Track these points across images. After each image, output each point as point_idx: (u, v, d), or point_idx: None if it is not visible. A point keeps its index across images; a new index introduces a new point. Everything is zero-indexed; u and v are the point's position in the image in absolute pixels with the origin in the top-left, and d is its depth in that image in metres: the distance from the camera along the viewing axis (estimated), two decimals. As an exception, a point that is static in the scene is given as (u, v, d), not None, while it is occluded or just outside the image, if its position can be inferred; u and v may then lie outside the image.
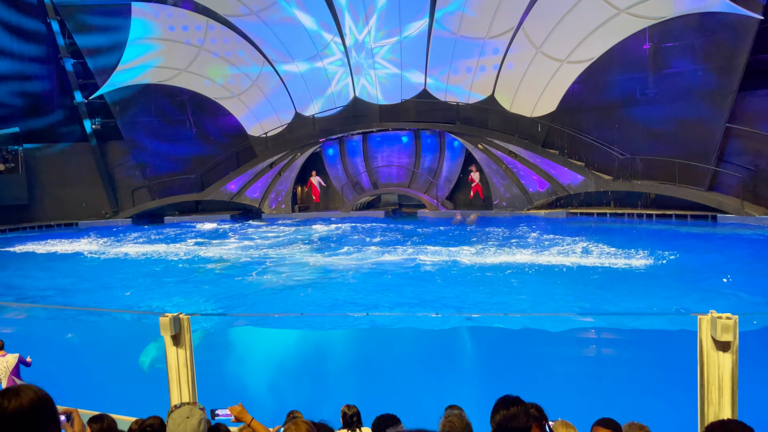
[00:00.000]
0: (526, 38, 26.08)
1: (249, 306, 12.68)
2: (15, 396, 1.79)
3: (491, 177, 26.45)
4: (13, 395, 1.79)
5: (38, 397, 1.82)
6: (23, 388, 1.84)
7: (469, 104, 27.53)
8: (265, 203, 29.89)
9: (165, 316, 7.20)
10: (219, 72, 30.20)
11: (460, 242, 19.22)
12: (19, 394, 1.80)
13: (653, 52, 23.53)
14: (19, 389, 1.83)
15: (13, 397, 1.79)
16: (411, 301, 12.78)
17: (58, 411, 1.90)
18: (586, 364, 11.01)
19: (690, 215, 22.34)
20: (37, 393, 1.84)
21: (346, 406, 5.88)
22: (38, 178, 30.79)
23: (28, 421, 1.77)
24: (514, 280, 14.07)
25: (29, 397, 1.81)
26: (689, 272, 14.38)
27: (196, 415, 2.79)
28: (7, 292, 15.79)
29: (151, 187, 31.29)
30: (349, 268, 16.40)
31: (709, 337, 5.96)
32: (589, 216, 24.45)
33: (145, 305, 13.08)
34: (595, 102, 25.17)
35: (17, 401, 1.78)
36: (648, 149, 23.91)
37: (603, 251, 16.75)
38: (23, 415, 1.77)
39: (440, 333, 11.23)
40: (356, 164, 30.29)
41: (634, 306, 11.74)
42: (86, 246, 22.80)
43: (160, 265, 18.14)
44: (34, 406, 1.79)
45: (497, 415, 2.86)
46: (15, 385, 1.88)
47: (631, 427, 4.08)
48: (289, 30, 29.12)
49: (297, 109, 30.48)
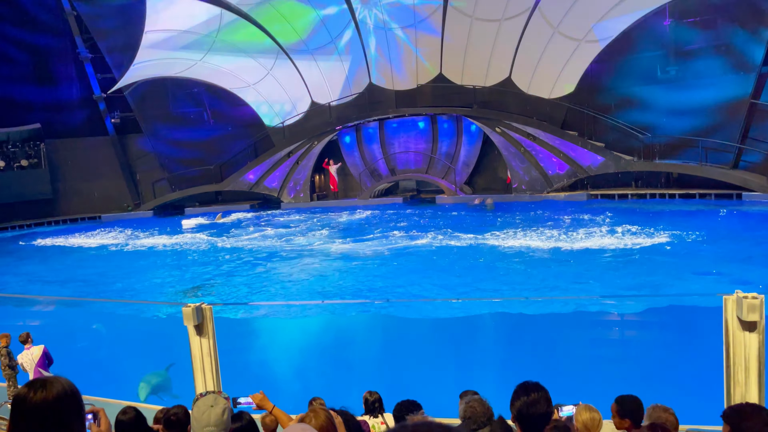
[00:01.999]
0: (543, 18, 25.67)
1: (271, 294, 12.79)
2: (42, 388, 1.78)
3: (510, 160, 26.21)
4: (40, 387, 1.78)
5: (65, 391, 1.81)
6: (52, 381, 1.83)
7: (486, 87, 27.23)
8: (283, 192, 30.01)
9: (188, 306, 7.29)
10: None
11: (482, 228, 19.12)
12: (46, 387, 1.79)
13: (674, 28, 23.02)
14: (47, 381, 1.82)
15: (40, 389, 1.78)
16: (436, 285, 12.78)
17: (84, 406, 1.89)
18: (608, 347, 10.93)
19: (714, 194, 21.94)
20: (65, 386, 1.82)
21: (367, 392, 5.91)
22: (61, 173, 31.24)
23: (53, 415, 1.76)
24: (528, 265, 13.97)
25: (56, 389, 1.79)
26: (714, 251, 14.15)
27: (220, 403, 2.81)
28: (34, 284, 16.11)
29: (171, 178, 31.59)
30: (371, 254, 16.43)
31: (734, 317, 5.86)
32: (610, 198, 24.13)
33: (170, 296, 13.25)
34: (615, 81, 24.73)
35: (43, 393, 1.76)
36: (670, 128, 23.49)
37: (626, 232, 16.54)
38: (48, 407, 1.75)
39: (461, 319, 11.21)
40: (373, 151, 30.22)
41: (660, 286, 11.61)
42: (110, 239, 23.13)
43: (183, 257, 18.35)
44: (59, 399, 1.78)
45: (518, 401, 2.83)
46: (44, 376, 1.86)
47: (655, 410, 4.03)
48: (303, 18, 28.96)
49: (313, 97, 30.44)
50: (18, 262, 20.04)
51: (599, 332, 11.12)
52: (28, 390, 1.78)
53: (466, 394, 4.44)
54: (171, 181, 31.61)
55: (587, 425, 3.91)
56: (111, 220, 30.06)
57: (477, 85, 27.20)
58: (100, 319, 12.91)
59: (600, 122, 24.90)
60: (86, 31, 30.46)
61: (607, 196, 24.29)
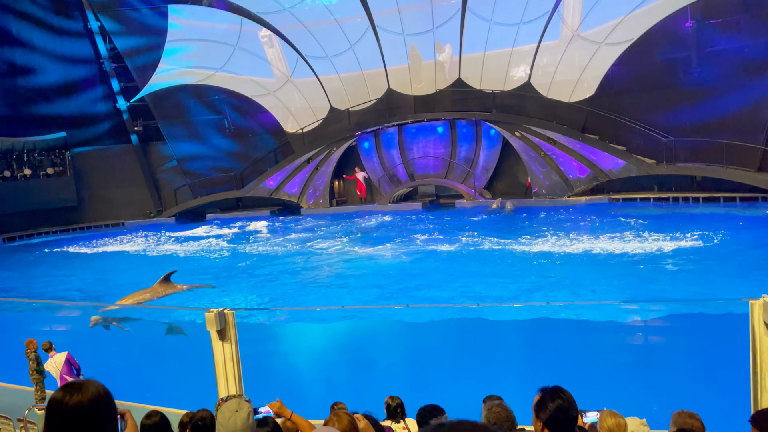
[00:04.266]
0: (562, 21, 25.55)
1: (293, 299, 12.86)
2: (77, 391, 1.82)
3: (530, 164, 26.06)
4: (75, 390, 1.82)
5: (99, 393, 1.84)
6: (86, 384, 1.87)
7: (505, 91, 27.14)
8: (303, 198, 30.18)
9: (210, 311, 7.37)
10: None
11: (503, 233, 19.03)
12: (81, 390, 1.83)
13: (696, 29, 22.73)
14: (82, 385, 1.86)
15: (75, 392, 1.82)
16: (459, 289, 12.74)
17: (117, 409, 1.93)
18: (632, 352, 10.80)
19: (739, 197, 21.57)
20: (99, 389, 1.86)
21: (389, 397, 5.91)
22: (85, 181, 31.79)
23: (88, 417, 1.79)
24: (551, 269, 13.87)
25: (91, 393, 1.83)
26: (740, 256, 13.92)
27: (244, 408, 2.86)
28: (60, 290, 16.39)
29: (193, 185, 31.96)
30: (391, 259, 16.44)
31: (761, 322, 5.77)
32: (632, 201, 23.86)
33: (195, 302, 13.39)
34: (636, 84, 24.48)
35: (78, 396, 1.80)
36: (693, 131, 23.18)
37: (649, 236, 16.35)
38: (83, 410, 1.79)
39: (480, 324, 11.16)
40: (392, 156, 30.26)
41: (685, 292, 11.45)
42: (131, 246, 23.45)
43: (205, 263, 18.53)
44: (94, 402, 1.82)
45: (551, 404, 2.82)
46: (79, 380, 1.90)
47: (681, 416, 3.98)
48: (322, 25, 29.18)
49: (332, 103, 30.61)
50: (44, 268, 20.41)
51: (621, 338, 10.99)
52: (63, 393, 1.82)
53: (489, 399, 4.43)
54: (192, 187, 31.98)
55: (612, 431, 3.88)
56: (134, 226, 30.48)
57: (496, 89, 27.13)
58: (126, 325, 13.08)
59: (621, 125, 24.65)
60: (110, 41, 31.01)
61: (629, 199, 24.02)
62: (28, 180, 30.09)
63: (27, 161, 30.46)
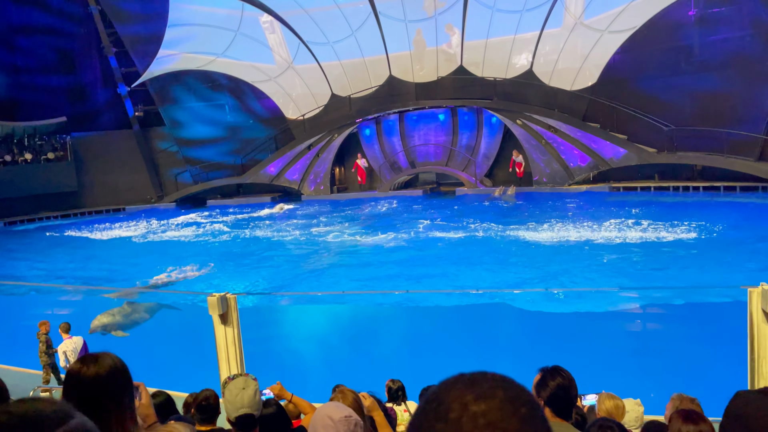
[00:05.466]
0: (565, 9, 25.41)
1: (295, 284, 12.93)
2: (94, 363, 1.86)
3: (531, 153, 26.04)
4: (92, 362, 1.87)
5: (116, 365, 1.89)
6: (103, 356, 1.90)
7: (506, 79, 27.05)
8: (304, 185, 30.18)
9: (213, 295, 7.43)
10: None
11: (503, 220, 19.08)
12: (98, 361, 1.87)
13: (699, 18, 22.63)
14: (99, 357, 1.90)
15: (92, 363, 1.86)
16: (460, 275, 12.81)
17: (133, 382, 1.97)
18: (631, 339, 10.89)
19: (739, 186, 21.60)
20: (115, 361, 1.90)
21: (390, 380, 5.99)
22: (86, 166, 31.76)
23: (105, 389, 1.83)
24: (549, 257, 13.93)
25: (108, 364, 1.87)
26: (739, 244, 13.98)
27: (251, 385, 2.91)
28: (62, 274, 16.47)
29: (193, 171, 31.94)
30: (392, 245, 16.50)
31: (759, 309, 5.84)
32: (632, 190, 23.89)
33: (197, 286, 13.47)
34: (638, 72, 24.40)
35: (95, 368, 1.84)
36: (694, 120, 23.14)
37: (649, 224, 16.40)
38: (101, 382, 1.83)
39: (478, 309, 11.25)
40: (393, 144, 30.23)
41: (684, 280, 11.52)
42: (133, 231, 23.50)
43: (211, 247, 18.59)
44: (111, 373, 1.86)
45: (552, 382, 2.88)
46: (95, 353, 1.94)
47: (681, 400, 4.04)
48: (324, 10, 29.00)
49: (333, 89, 30.52)
50: (45, 252, 20.47)
51: (619, 325, 11.08)
52: (81, 365, 1.86)
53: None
54: (193, 173, 31.97)
55: (611, 413, 3.95)
56: (134, 211, 30.51)
57: (498, 77, 27.04)
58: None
59: (622, 114, 24.61)
60: (110, 26, 30.84)
61: (630, 188, 24.04)
62: (28, 164, 30.07)
63: (28, 146, 30.40)
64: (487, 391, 0.87)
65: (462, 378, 0.91)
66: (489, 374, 0.92)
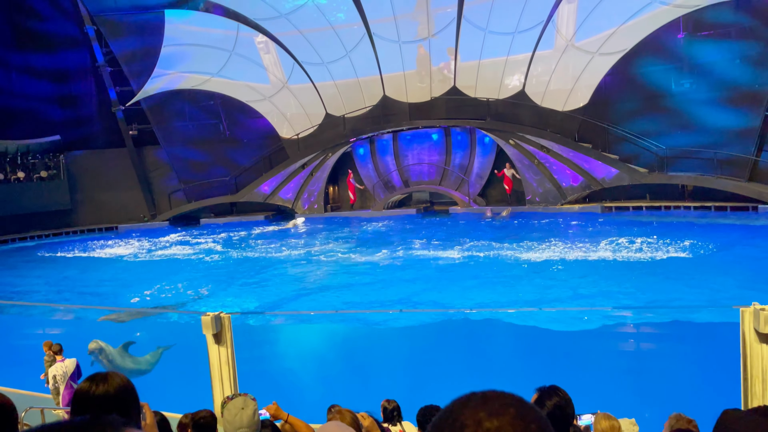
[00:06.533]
0: (556, 31, 25.79)
1: (289, 304, 12.89)
2: (103, 382, 1.89)
3: (523, 172, 26.23)
4: (101, 381, 1.89)
5: (124, 383, 1.91)
6: (111, 375, 1.93)
7: (499, 100, 27.33)
8: (298, 204, 30.20)
9: (207, 315, 7.41)
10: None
11: (498, 239, 19.15)
12: (107, 380, 1.89)
13: (688, 41, 23.03)
14: (108, 375, 1.92)
15: (101, 382, 1.88)
16: (454, 294, 12.81)
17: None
18: (625, 359, 10.90)
19: (730, 206, 21.81)
20: (123, 379, 1.93)
21: (385, 400, 5.98)
22: (79, 184, 31.68)
23: (114, 407, 1.85)
24: (545, 276, 13.97)
25: (116, 383, 1.90)
26: (730, 264, 14.08)
27: (250, 405, 2.92)
28: (53, 294, 16.34)
29: (187, 190, 31.91)
30: (386, 264, 16.50)
31: (752, 329, 5.88)
32: (624, 210, 24.06)
33: (191, 305, 13.40)
34: (629, 94, 24.73)
35: (104, 387, 1.87)
36: (685, 140, 23.42)
37: (641, 244, 16.49)
38: (109, 400, 1.85)
39: (474, 327, 11.24)
40: (387, 163, 30.37)
41: (676, 298, 11.57)
42: (125, 249, 23.39)
43: (203, 266, 18.53)
44: (120, 392, 1.88)
45: (549, 401, 2.89)
46: (102, 372, 1.96)
47: (678, 419, 4.06)
48: (319, 31, 29.28)
49: (327, 109, 30.70)
50: (37, 271, 20.32)
51: (612, 344, 11.09)
52: (90, 384, 1.88)
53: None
54: (187, 192, 31.93)
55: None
56: (127, 230, 30.40)
57: (490, 97, 27.31)
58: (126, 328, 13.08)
59: (614, 135, 24.88)
60: (106, 45, 30.99)
61: (622, 208, 24.21)
62: (21, 183, 29.98)
63: (21, 164, 30.35)
64: (499, 408, 0.92)
65: (475, 396, 0.96)
66: (500, 392, 0.97)
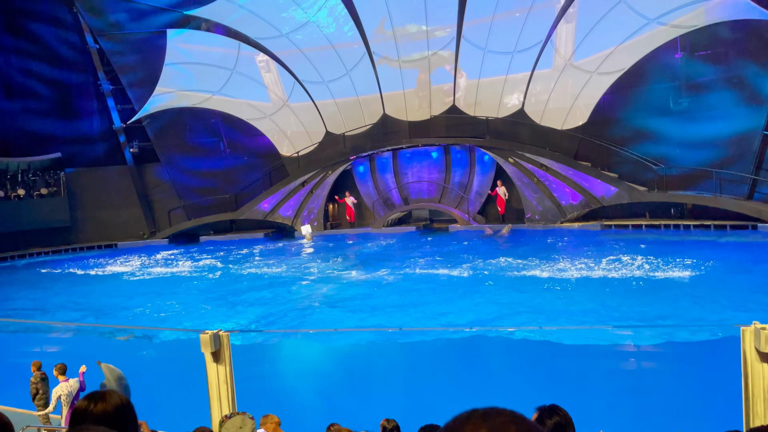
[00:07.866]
0: (555, 50, 26.02)
1: (288, 322, 12.84)
2: (101, 400, 1.89)
3: (523, 190, 26.29)
4: (99, 399, 1.90)
5: (122, 402, 1.92)
6: (110, 393, 1.94)
7: (498, 118, 27.49)
8: (297, 221, 30.21)
9: (205, 333, 7.38)
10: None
11: (497, 257, 19.13)
12: (105, 399, 1.90)
13: (685, 61, 23.23)
14: (106, 394, 1.93)
15: (99, 401, 1.89)
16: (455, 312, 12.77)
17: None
18: (624, 378, 10.83)
19: (729, 225, 21.82)
20: (121, 398, 1.93)
21: (385, 420, 5.93)
22: (79, 201, 31.71)
23: (112, 426, 1.84)
24: (544, 294, 13.94)
25: (115, 402, 1.90)
26: (731, 283, 14.05)
27: (248, 424, 2.90)
28: (52, 312, 16.28)
29: (187, 207, 31.94)
30: (387, 282, 16.47)
31: (752, 348, 5.86)
32: (623, 228, 24.07)
33: (189, 323, 13.35)
34: (628, 113, 24.88)
35: (102, 405, 1.87)
36: (683, 159, 23.52)
37: (641, 262, 16.48)
38: (108, 419, 1.86)
39: (473, 346, 11.19)
40: (387, 181, 30.45)
41: (676, 318, 11.54)
42: (124, 267, 23.36)
43: (203, 284, 18.49)
44: (118, 410, 1.89)
45: (548, 422, 2.89)
46: (100, 390, 1.96)
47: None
48: (319, 50, 29.54)
49: (327, 127, 30.86)
50: (37, 288, 20.28)
51: (611, 364, 11.03)
52: (88, 402, 1.88)
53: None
54: (187, 209, 31.96)
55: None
56: (127, 247, 30.37)
57: (490, 116, 27.47)
58: (119, 347, 13.01)
59: (613, 153, 24.98)
60: (108, 63, 31.25)
61: (621, 226, 24.22)
62: (21, 200, 30.02)
63: (21, 181, 30.42)
64: (500, 425, 0.92)
65: (476, 413, 0.96)
66: (501, 410, 0.97)
